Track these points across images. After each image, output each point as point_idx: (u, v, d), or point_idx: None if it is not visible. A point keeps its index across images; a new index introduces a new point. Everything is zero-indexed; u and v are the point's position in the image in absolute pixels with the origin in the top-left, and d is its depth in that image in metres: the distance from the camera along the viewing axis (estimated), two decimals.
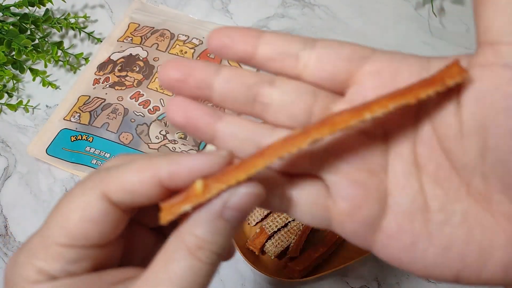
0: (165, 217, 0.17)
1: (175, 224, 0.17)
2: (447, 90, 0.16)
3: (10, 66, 0.53)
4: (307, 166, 0.18)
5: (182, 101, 0.18)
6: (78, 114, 0.50)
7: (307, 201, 0.18)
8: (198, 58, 0.54)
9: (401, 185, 0.18)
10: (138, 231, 0.21)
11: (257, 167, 0.16)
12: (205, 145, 0.49)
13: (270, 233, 0.43)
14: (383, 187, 0.18)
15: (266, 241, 0.43)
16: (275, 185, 0.18)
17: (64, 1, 0.57)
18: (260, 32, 0.18)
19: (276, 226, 0.43)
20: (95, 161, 0.48)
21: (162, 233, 0.22)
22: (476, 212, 0.17)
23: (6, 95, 0.53)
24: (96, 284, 0.17)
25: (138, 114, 0.50)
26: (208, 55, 0.54)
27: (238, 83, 0.18)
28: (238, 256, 0.44)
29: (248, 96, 0.18)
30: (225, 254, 0.18)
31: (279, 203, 0.18)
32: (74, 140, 0.49)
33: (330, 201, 0.18)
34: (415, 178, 0.18)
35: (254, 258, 0.43)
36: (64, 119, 0.50)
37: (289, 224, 0.44)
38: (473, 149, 0.16)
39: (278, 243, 0.43)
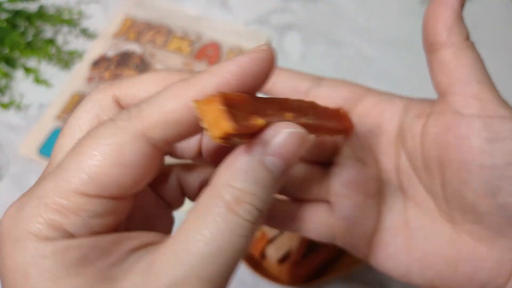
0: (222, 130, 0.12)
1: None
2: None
3: (2, 63, 0.52)
4: (316, 192, 0.21)
5: None
6: (72, 112, 0.49)
7: (315, 222, 0.21)
8: (196, 54, 0.53)
9: (388, 206, 0.21)
10: (148, 196, 0.19)
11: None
12: None
13: (271, 236, 0.42)
14: (377, 208, 0.21)
15: (267, 245, 0.42)
16: (289, 211, 0.21)
17: None
18: (279, 71, 0.22)
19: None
20: None
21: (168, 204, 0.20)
22: (444, 230, 0.20)
23: None
24: (119, 249, 0.14)
25: None
26: (206, 51, 0.53)
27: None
28: None
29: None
30: (266, 217, 0.15)
31: (292, 224, 0.21)
32: None
33: (333, 220, 0.21)
34: (401, 200, 0.21)
35: (255, 262, 0.42)
36: (57, 117, 0.49)
37: None
38: (436, 181, 0.20)
39: (280, 247, 0.41)
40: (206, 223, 0.13)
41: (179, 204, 0.20)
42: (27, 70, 0.51)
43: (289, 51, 0.55)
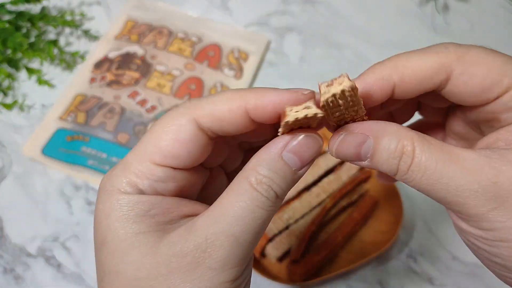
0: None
1: None
2: None
3: (5, 64, 0.52)
4: None
5: None
6: (74, 113, 0.49)
7: None
8: (197, 55, 0.53)
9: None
10: (218, 174, 0.23)
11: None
12: None
13: (270, 235, 0.42)
14: None
15: (267, 244, 0.42)
16: None
17: None
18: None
19: (277, 228, 0.42)
20: (91, 161, 0.47)
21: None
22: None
23: (1, 94, 0.52)
24: (174, 210, 0.19)
25: (135, 113, 0.49)
26: (207, 53, 0.53)
27: None
28: None
29: None
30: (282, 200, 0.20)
31: None
32: (70, 140, 0.48)
33: None
34: None
35: (255, 261, 0.42)
36: (60, 118, 0.49)
37: (290, 226, 0.43)
38: None
39: (279, 246, 0.42)
40: (235, 196, 0.18)
41: None
42: (30, 71, 0.52)
43: (289, 53, 0.56)
